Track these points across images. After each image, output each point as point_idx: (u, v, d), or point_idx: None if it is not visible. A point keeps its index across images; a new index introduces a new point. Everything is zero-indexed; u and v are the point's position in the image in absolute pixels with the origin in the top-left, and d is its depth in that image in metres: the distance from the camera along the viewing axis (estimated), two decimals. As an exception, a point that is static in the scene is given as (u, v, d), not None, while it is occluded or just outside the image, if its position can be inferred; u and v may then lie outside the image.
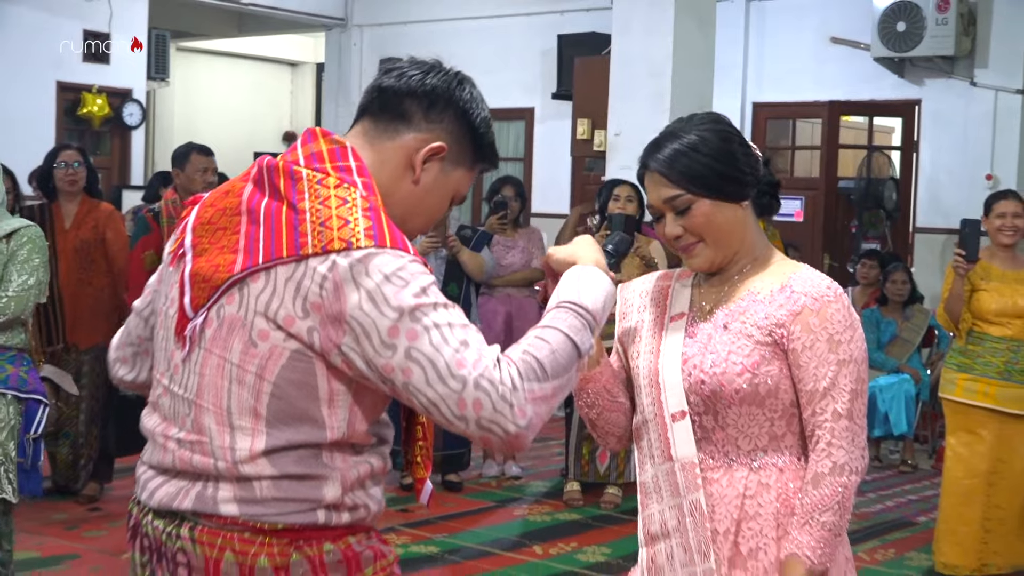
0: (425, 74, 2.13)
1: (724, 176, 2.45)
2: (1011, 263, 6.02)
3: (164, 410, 2.09)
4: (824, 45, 11.43)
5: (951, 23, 10.51)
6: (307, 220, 1.94)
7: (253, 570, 1.94)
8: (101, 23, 12.86)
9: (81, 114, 12.87)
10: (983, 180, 10.48)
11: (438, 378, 1.85)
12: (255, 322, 1.94)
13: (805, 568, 2.35)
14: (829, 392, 2.39)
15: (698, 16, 8.03)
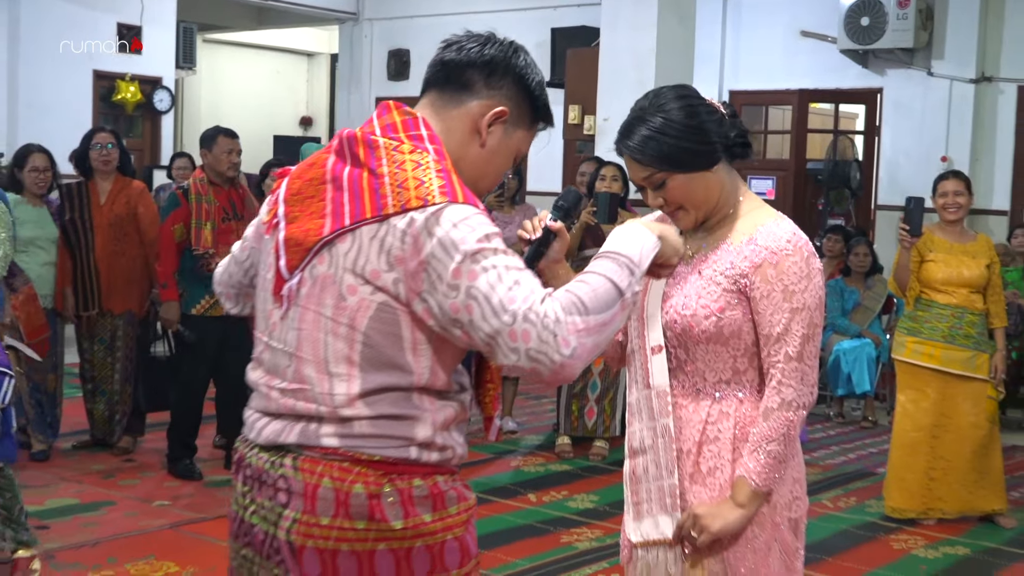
0: (483, 46, 2.16)
1: (693, 152, 2.48)
2: (957, 237, 6.08)
3: (266, 364, 2.14)
4: (794, 38, 11.43)
5: (910, 18, 10.52)
6: (386, 183, 1.99)
7: (348, 495, 1.98)
8: (133, 16, 12.83)
9: (115, 100, 12.86)
10: (939, 162, 10.48)
11: (492, 313, 1.88)
12: (344, 278, 1.99)
13: (751, 489, 2.47)
14: (783, 337, 2.47)
15: (679, 12, 8.03)
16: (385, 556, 2.00)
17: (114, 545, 5.22)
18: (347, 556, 1.99)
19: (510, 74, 2.16)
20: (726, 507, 2.49)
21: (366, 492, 1.98)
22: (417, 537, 2.01)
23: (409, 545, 2.01)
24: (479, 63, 2.14)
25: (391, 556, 2.00)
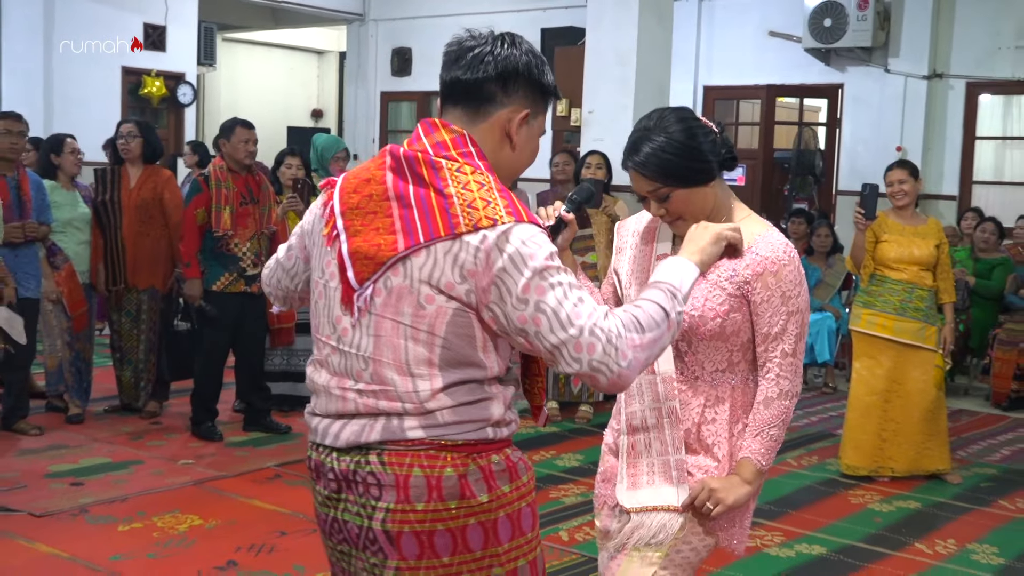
0: (490, 56, 2.13)
1: (693, 169, 2.54)
2: (909, 220, 6.13)
3: (334, 367, 2.13)
4: (763, 38, 11.41)
5: (869, 19, 10.54)
6: (455, 203, 2.00)
7: (440, 479, 2.01)
8: (159, 17, 12.87)
9: (142, 94, 12.88)
10: (894, 151, 10.49)
11: (560, 326, 1.94)
12: (421, 289, 2.00)
13: (756, 468, 2.57)
14: (780, 336, 2.57)
15: (658, 13, 8.00)
16: (475, 529, 2.04)
17: (143, 500, 5.23)
18: (442, 534, 2.03)
19: (521, 77, 2.15)
20: (736, 483, 2.57)
21: (456, 474, 2.02)
22: (500, 508, 2.07)
23: (494, 516, 2.06)
24: (493, 77, 2.13)
25: (480, 528, 2.05)
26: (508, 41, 2.16)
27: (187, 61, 13.34)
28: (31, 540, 4.66)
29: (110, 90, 12.49)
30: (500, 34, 2.18)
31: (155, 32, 12.90)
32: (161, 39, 12.98)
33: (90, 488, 5.37)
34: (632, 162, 2.58)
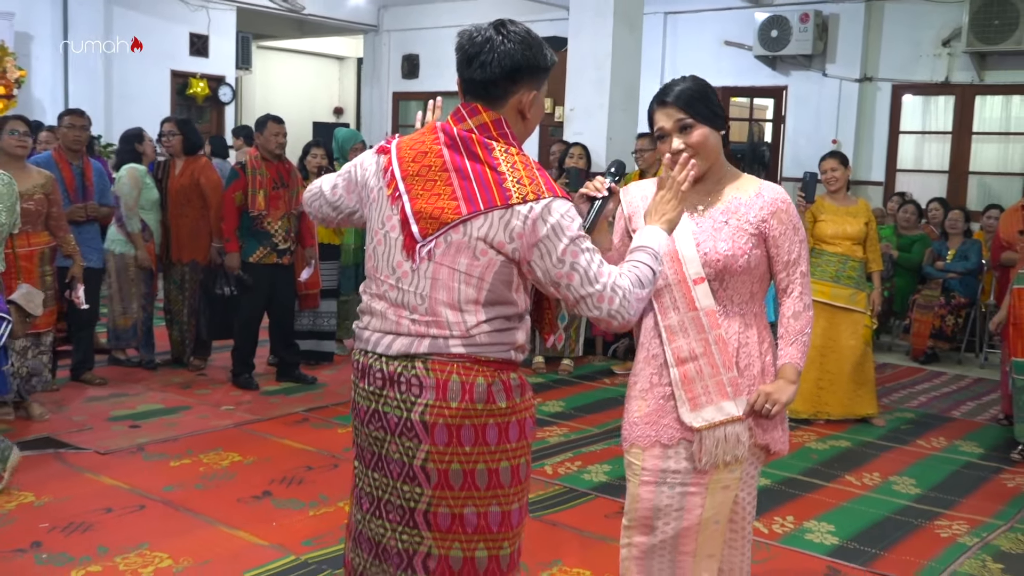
0: (494, 57, 2.19)
1: (711, 111, 2.64)
2: (841, 202, 6.17)
3: (391, 299, 2.24)
4: (719, 47, 11.38)
5: (810, 31, 10.53)
6: (508, 179, 2.14)
7: (472, 385, 2.18)
8: (203, 28, 12.87)
9: (188, 94, 12.83)
10: (830, 143, 10.51)
11: (589, 282, 2.14)
12: (477, 245, 2.15)
13: (796, 369, 2.68)
14: (797, 260, 2.70)
15: (629, 24, 7.97)
16: (493, 428, 2.20)
17: (190, 440, 5.23)
18: (468, 428, 2.18)
19: (524, 66, 2.22)
20: (783, 385, 2.66)
21: (485, 382, 2.19)
22: (513, 414, 2.24)
23: (507, 420, 2.23)
24: (502, 76, 2.21)
25: (496, 428, 2.21)
26: (504, 34, 2.21)
27: (227, 65, 13.29)
28: (97, 473, 4.66)
29: (161, 90, 12.49)
30: (496, 28, 2.23)
31: (199, 41, 12.87)
32: (204, 46, 12.94)
33: (146, 430, 5.38)
34: (669, 96, 2.63)
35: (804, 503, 4.67)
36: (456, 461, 2.18)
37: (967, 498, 4.84)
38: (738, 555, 2.81)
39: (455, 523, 2.20)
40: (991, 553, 4.15)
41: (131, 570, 3.64)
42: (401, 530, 2.24)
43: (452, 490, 2.19)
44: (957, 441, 5.86)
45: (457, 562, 2.21)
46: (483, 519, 2.21)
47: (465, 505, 2.19)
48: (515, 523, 2.26)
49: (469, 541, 2.21)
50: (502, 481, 2.22)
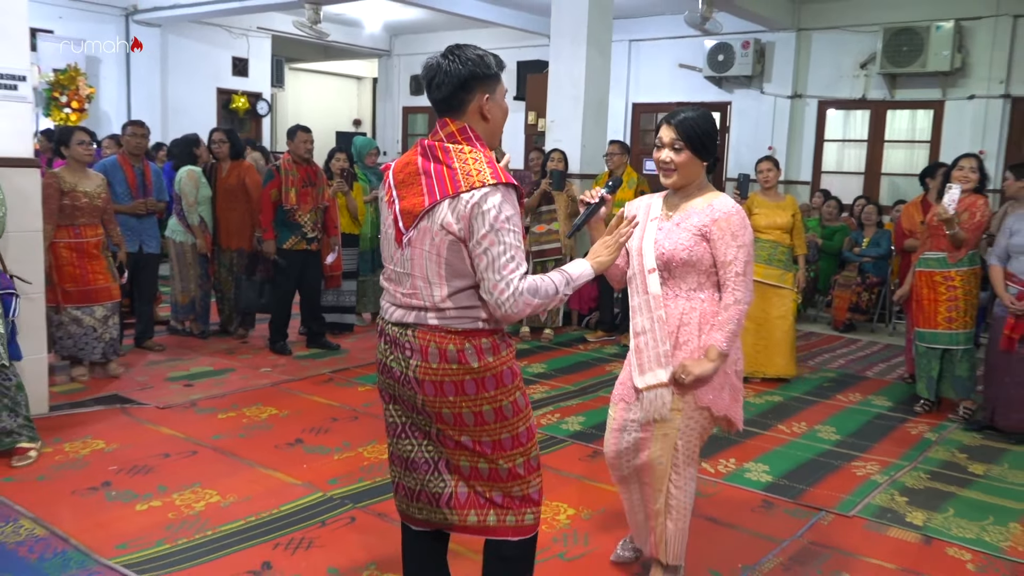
0: (445, 77, 2.23)
1: (704, 146, 2.77)
2: (772, 197, 6.16)
3: (393, 279, 2.33)
4: (674, 69, 11.34)
5: (750, 56, 10.50)
6: (458, 173, 2.18)
7: (445, 351, 2.23)
8: (243, 52, 12.79)
9: (231, 108, 12.74)
10: (767, 149, 10.49)
11: (492, 268, 2.15)
12: (435, 228, 2.19)
13: (719, 351, 2.76)
14: (732, 262, 2.76)
15: (600, 49, 7.92)
16: (470, 382, 2.25)
17: (235, 397, 5.21)
18: (448, 384, 2.25)
19: (471, 78, 2.24)
20: (703, 361, 2.76)
21: (455, 348, 2.23)
22: (487, 370, 2.26)
23: (483, 376, 2.26)
24: (455, 90, 2.24)
25: (473, 382, 2.25)
26: (451, 58, 2.24)
27: (264, 84, 13.20)
28: (156, 424, 4.65)
29: (208, 104, 12.40)
30: (444, 54, 2.26)
31: (241, 63, 12.77)
32: (245, 68, 12.84)
33: (198, 388, 5.35)
34: (672, 120, 2.76)
35: (744, 448, 4.68)
36: (445, 407, 2.27)
37: (878, 443, 4.86)
38: (682, 493, 2.89)
39: (458, 446, 2.32)
40: (898, 488, 4.18)
41: (186, 504, 3.63)
42: (425, 444, 2.37)
43: (447, 424, 2.30)
44: (870, 396, 5.88)
45: (466, 469, 2.34)
46: (477, 445, 2.31)
47: (461, 435, 2.30)
48: (507, 447, 2.32)
49: (471, 457, 2.33)
50: (486, 419, 2.28)
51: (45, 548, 3.20)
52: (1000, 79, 9.22)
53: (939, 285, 5.21)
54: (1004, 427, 4.99)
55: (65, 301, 5.23)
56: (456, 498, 2.35)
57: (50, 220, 5.04)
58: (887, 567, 3.34)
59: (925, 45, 9.33)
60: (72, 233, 5.19)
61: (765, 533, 3.59)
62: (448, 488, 2.35)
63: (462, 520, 2.36)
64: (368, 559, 3.22)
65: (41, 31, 10.30)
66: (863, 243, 8.47)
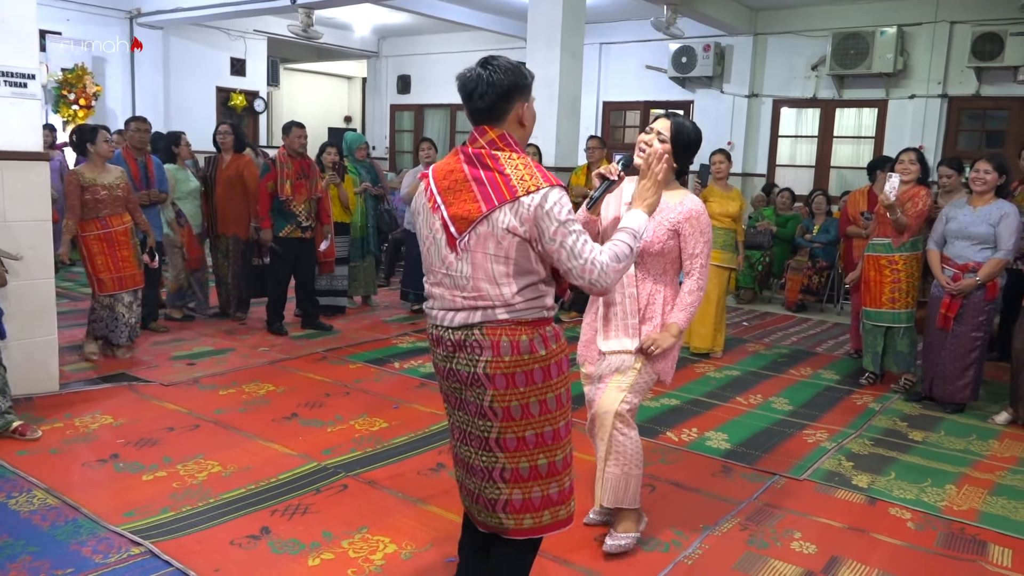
0: (488, 88, 2.18)
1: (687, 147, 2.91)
2: (724, 188, 6.18)
3: (447, 284, 2.22)
4: (641, 70, 11.28)
5: (711, 58, 10.46)
6: (512, 179, 2.14)
7: (518, 342, 2.18)
8: (240, 53, 12.59)
9: (230, 105, 12.52)
10: (726, 145, 10.50)
11: (574, 257, 2.14)
12: (499, 232, 2.13)
13: (678, 328, 2.92)
14: (698, 255, 2.92)
15: (572, 52, 7.87)
16: (537, 371, 2.20)
17: (235, 375, 5.17)
18: (519, 374, 2.19)
19: (511, 88, 2.20)
20: (666, 336, 2.91)
21: (528, 338, 2.18)
22: (551, 358, 2.23)
23: (548, 363, 2.22)
24: (497, 101, 2.19)
25: (540, 370, 2.21)
26: (490, 70, 2.19)
27: (260, 83, 12.99)
28: (161, 400, 4.60)
29: (208, 102, 12.20)
30: (482, 65, 2.21)
31: (238, 63, 12.58)
32: (242, 68, 12.65)
33: (200, 366, 5.30)
34: (672, 118, 2.90)
35: (705, 418, 4.70)
36: (515, 399, 2.20)
37: (827, 413, 4.90)
38: (627, 440, 2.99)
39: (520, 444, 2.23)
40: (844, 454, 4.21)
41: (189, 474, 3.60)
42: (480, 453, 2.27)
43: (514, 420, 2.21)
44: (820, 370, 5.92)
45: (525, 471, 2.25)
46: (540, 438, 2.23)
47: (526, 430, 2.22)
48: (563, 435, 2.29)
49: (532, 454, 2.24)
50: (549, 408, 2.23)
51: (57, 516, 3.16)
52: (938, 80, 9.28)
53: (884, 268, 5.25)
54: (940, 398, 5.04)
55: (100, 290, 5.22)
56: (511, 504, 2.27)
57: (73, 215, 5.11)
58: (835, 525, 3.37)
59: (870, 49, 9.35)
60: (99, 224, 5.17)
61: (724, 496, 3.61)
62: (503, 495, 2.27)
63: (518, 524, 2.29)
64: (360, 523, 3.21)
65: (50, 32, 10.12)
66: (814, 230, 8.52)
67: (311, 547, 3.00)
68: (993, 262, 4.74)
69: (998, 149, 9.08)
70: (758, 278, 8.62)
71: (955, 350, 4.92)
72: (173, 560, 2.85)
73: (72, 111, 10.07)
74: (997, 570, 3.06)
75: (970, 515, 3.52)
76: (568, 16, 7.72)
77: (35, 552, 2.88)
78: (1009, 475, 4.00)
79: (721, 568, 2.98)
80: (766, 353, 6.36)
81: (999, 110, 9.17)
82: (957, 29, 9.11)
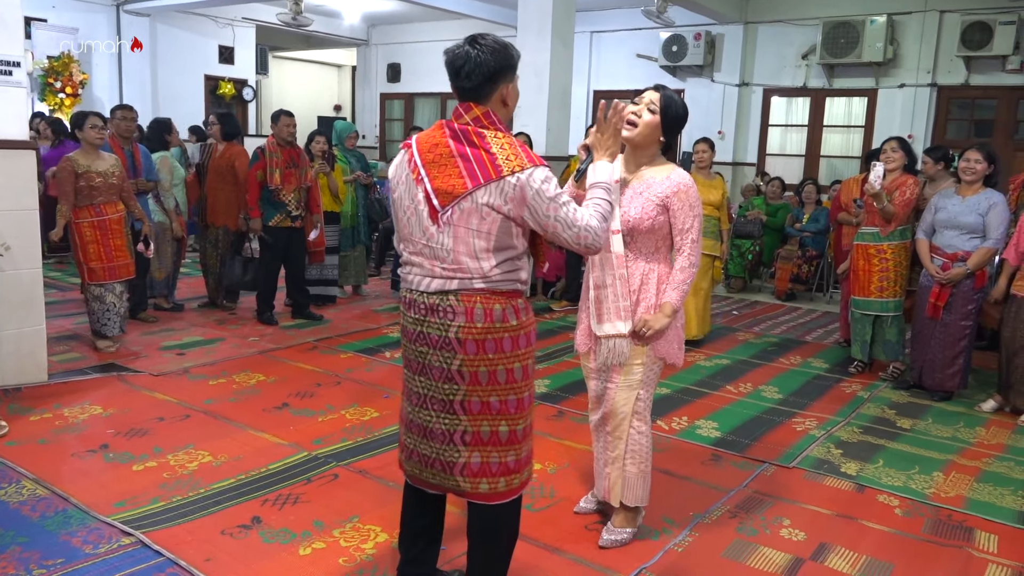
0: (475, 67, 2.21)
1: (672, 120, 2.86)
2: (707, 176, 6.14)
3: (427, 254, 2.26)
4: (632, 58, 11.26)
5: (701, 47, 10.45)
6: (498, 158, 2.18)
7: (491, 310, 2.24)
8: (229, 41, 12.51)
9: (218, 93, 12.45)
10: (717, 134, 10.51)
11: (568, 227, 2.20)
12: (482, 209, 2.18)
13: (672, 307, 2.83)
14: (688, 230, 2.83)
15: (563, 41, 7.85)
16: (508, 340, 2.27)
17: (225, 364, 5.15)
18: (490, 341, 2.25)
19: (499, 68, 2.23)
20: (659, 316, 2.82)
21: (501, 307, 2.25)
22: (521, 328, 2.30)
23: (518, 333, 2.29)
24: (484, 81, 2.22)
25: (510, 339, 2.27)
26: (478, 48, 2.21)
27: (249, 71, 12.91)
28: (151, 390, 4.58)
29: (196, 90, 12.13)
30: (470, 43, 2.23)
31: (227, 51, 12.49)
32: (231, 56, 12.57)
33: (190, 356, 5.28)
34: (661, 89, 2.86)
35: (695, 406, 4.72)
36: (483, 365, 2.25)
37: (816, 401, 4.92)
38: (644, 438, 2.94)
39: (484, 408, 2.28)
40: (833, 442, 4.24)
41: (180, 464, 3.59)
42: (443, 416, 2.31)
43: (480, 385, 2.26)
44: (809, 359, 5.94)
45: (486, 435, 2.30)
46: (504, 405, 2.29)
47: (490, 395, 2.27)
48: (526, 406, 2.35)
49: (494, 420, 2.30)
50: (515, 377, 2.29)
51: (47, 507, 3.15)
52: (927, 69, 9.30)
53: (873, 257, 5.27)
54: (929, 386, 5.08)
55: (91, 279, 5.18)
56: (469, 467, 2.32)
57: (66, 200, 5.06)
58: (824, 513, 3.39)
59: (860, 38, 9.36)
60: (93, 212, 5.13)
61: (714, 483, 3.63)
62: (462, 458, 2.31)
63: (474, 487, 2.33)
64: (351, 512, 3.21)
65: (36, 20, 10.01)
66: (803, 219, 8.54)
67: (302, 536, 3.01)
68: (982, 251, 4.77)
69: (987, 138, 9.11)
70: (748, 267, 8.64)
71: (944, 339, 4.95)
72: (164, 550, 2.85)
73: (59, 99, 9.98)
74: (983, 556, 3.09)
75: (957, 502, 3.55)
76: (559, 4, 7.70)
77: (24, 543, 2.88)
78: (995, 462, 4.04)
79: (711, 556, 3.00)
80: (756, 342, 6.38)
81: (988, 99, 9.20)
82: (947, 18, 9.13)
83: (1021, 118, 9.09)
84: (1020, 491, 3.69)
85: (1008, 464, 4.02)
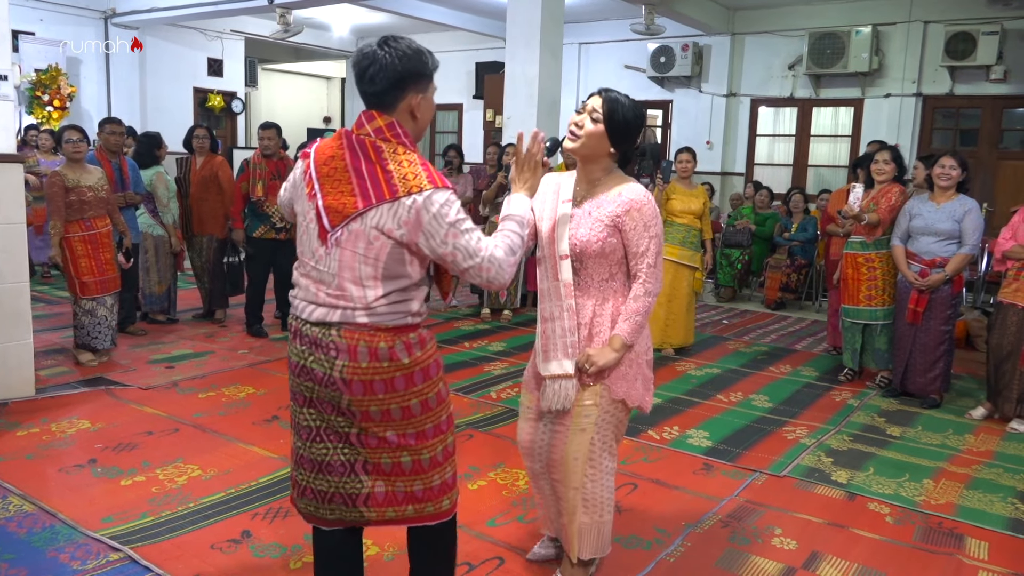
0: (380, 71, 2.01)
1: (620, 131, 2.46)
2: (688, 186, 6.18)
3: (314, 277, 2.08)
4: (620, 69, 11.33)
5: (689, 58, 10.52)
6: (394, 176, 1.98)
7: (376, 349, 2.03)
8: (218, 53, 12.49)
9: (207, 106, 12.44)
10: (705, 145, 10.56)
11: (469, 257, 2.00)
12: (371, 232, 1.99)
13: (622, 342, 2.48)
14: (644, 253, 2.46)
15: (552, 52, 7.88)
16: (400, 379, 2.07)
17: (214, 377, 5.13)
18: (378, 382, 2.06)
19: (406, 75, 2.03)
20: (606, 351, 2.48)
21: (387, 346, 2.04)
22: (415, 365, 2.08)
23: (412, 370, 2.08)
24: (388, 87, 2.03)
25: (403, 378, 2.07)
26: (387, 50, 2.01)
27: (238, 83, 12.90)
28: (140, 404, 4.55)
29: (185, 103, 12.12)
30: (380, 44, 2.03)
31: (216, 64, 12.48)
32: (220, 68, 12.56)
33: (179, 369, 5.26)
34: (604, 93, 2.47)
35: (686, 416, 4.72)
36: (373, 405, 2.07)
37: (806, 410, 4.93)
38: (597, 486, 2.59)
39: (381, 442, 2.12)
40: (824, 450, 4.25)
41: (169, 479, 3.56)
42: (341, 447, 2.14)
43: (374, 422, 2.09)
44: (799, 367, 5.96)
45: (387, 466, 2.14)
46: (402, 438, 2.11)
47: (386, 430, 2.10)
48: (430, 436, 2.15)
49: (393, 452, 2.13)
50: (413, 412, 2.10)
51: (34, 523, 3.12)
52: (912, 79, 9.39)
53: (861, 267, 5.30)
54: (913, 391, 5.11)
55: (83, 293, 5.16)
56: (374, 497, 2.16)
57: (58, 216, 5.04)
58: (815, 521, 3.39)
59: (846, 48, 9.45)
60: (84, 226, 5.12)
61: (706, 493, 3.63)
62: (365, 489, 2.15)
63: (380, 516, 2.17)
64: (341, 526, 3.18)
65: (23, 33, 9.98)
66: (792, 229, 8.58)
67: (293, 550, 2.99)
68: (959, 257, 4.83)
69: (972, 148, 9.20)
70: (737, 276, 8.67)
71: (924, 344, 4.99)
72: (153, 566, 2.82)
73: (46, 112, 9.95)
74: (973, 563, 3.09)
75: (947, 509, 3.56)
76: (547, 16, 7.74)
77: (11, 559, 2.84)
78: (985, 469, 4.05)
79: (703, 565, 2.99)
80: (746, 351, 6.40)
81: (972, 108, 9.29)
82: (931, 29, 9.22)
83: (1005, 127, 9.18)
84: (1010, 498, 3.71)
85: (997, 471, 4.03)
